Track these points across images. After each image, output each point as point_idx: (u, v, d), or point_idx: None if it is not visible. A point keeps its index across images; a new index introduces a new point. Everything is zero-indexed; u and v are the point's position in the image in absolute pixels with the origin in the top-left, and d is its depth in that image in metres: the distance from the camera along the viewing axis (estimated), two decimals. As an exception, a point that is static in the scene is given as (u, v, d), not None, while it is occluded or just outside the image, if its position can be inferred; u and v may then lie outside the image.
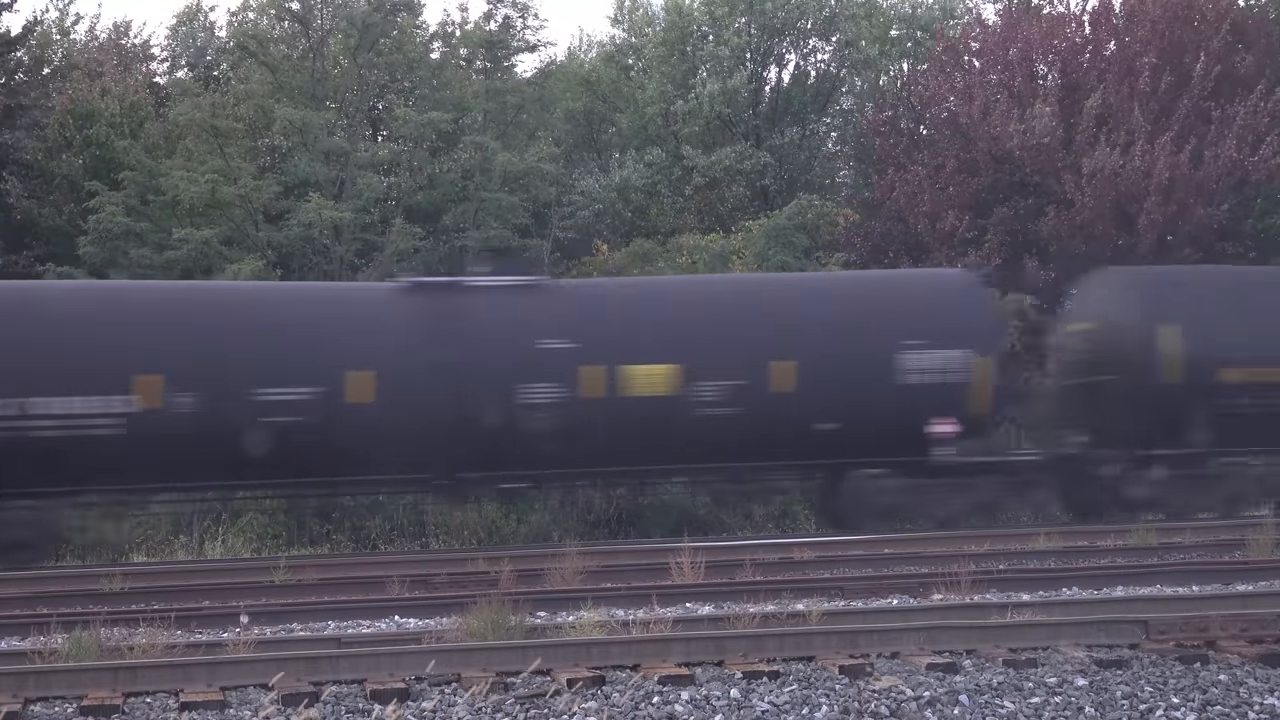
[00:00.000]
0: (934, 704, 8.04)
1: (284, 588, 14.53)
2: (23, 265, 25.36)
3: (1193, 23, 27.04)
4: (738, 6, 32.06)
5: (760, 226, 27.45)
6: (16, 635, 11.51)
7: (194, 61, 33.92)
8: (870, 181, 29.84)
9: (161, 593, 13.81)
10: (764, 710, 7.93)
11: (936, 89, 28.56)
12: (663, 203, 32.22)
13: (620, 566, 15.28)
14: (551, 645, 9.15)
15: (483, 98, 29.39)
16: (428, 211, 28.06)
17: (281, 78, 29.08)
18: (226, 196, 26.12)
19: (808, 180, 31.78)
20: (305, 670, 8.56)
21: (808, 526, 22.10)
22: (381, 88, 30.45)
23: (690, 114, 31.39)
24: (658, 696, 8.08)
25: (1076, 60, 27.70)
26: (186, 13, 35.10)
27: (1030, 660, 8.81)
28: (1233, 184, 25.80)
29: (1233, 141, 25.42)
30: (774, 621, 10.71)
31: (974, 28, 30.68)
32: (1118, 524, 18.82)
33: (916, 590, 13.29)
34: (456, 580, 14.38)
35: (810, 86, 33.64)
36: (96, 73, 31.83)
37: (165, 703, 8.13)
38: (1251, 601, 11.52)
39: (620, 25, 36.92)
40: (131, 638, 10.29)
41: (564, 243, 29.40)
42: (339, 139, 28.01)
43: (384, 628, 11.97)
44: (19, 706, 8.03)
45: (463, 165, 28.14)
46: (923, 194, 27.01)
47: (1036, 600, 12.17)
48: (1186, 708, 8.10)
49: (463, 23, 31.43)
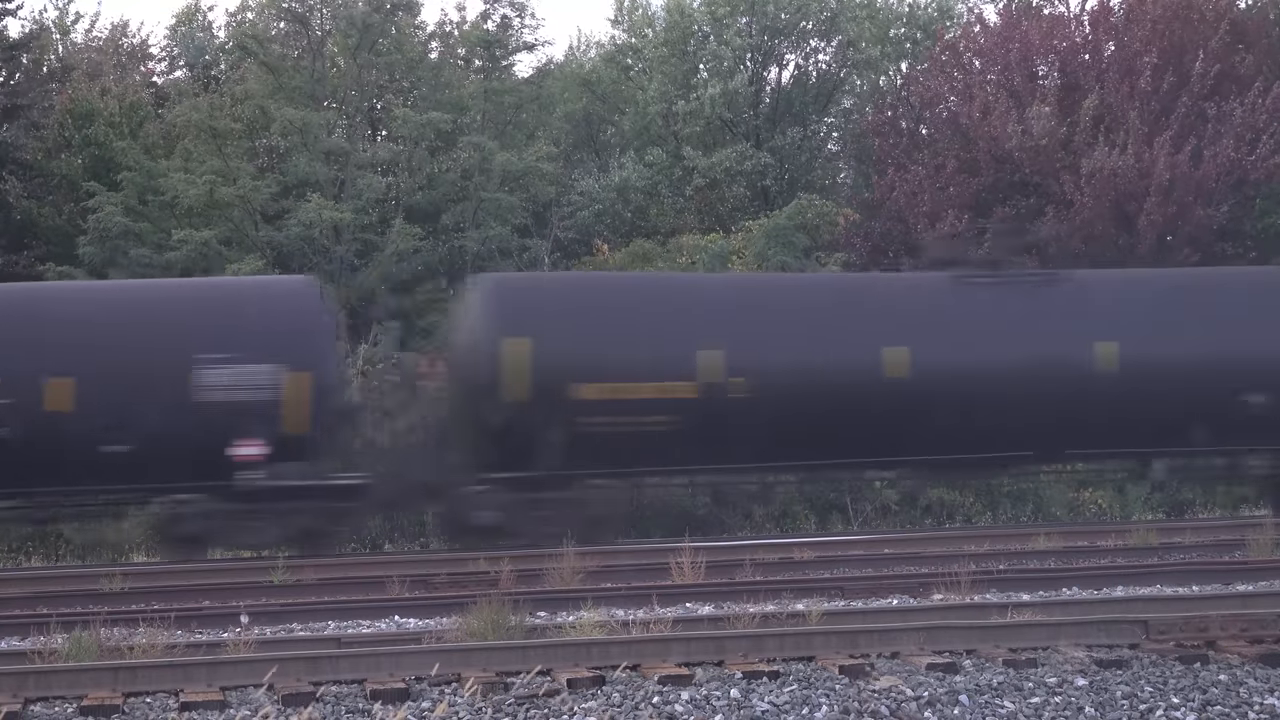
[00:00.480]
0: (934, 704, 8.03)
1: (284, 588, 14.51)
2: (23, 265, 25.37)
3: (1193, 22, 27.04)
4: (739, 7, 32.06)
5: (760, 226, 27.46)
6: (16, 635, 11.50)
7: (193, 61, 33.93)
8: (870, 181, 29.84)
9: (161, 593, 13.79)
10: (764, 710, 7.92)
11: (937, 89, 28.56)
12: (663, 203, 32.24)
13: (620, 566, 15.27)
14: (551, 645, 9.14)
15: (481, 98, 29.40)
16: (427, 211, 28.07)
17: (281, 78, 29.09)
18: (225, 197, 26.12)
19: (808, 181, 31.79)
20: (305, 670, 8.56)
21: (808, 527, 22.12)
22: (380, 88, 30.46)
23: (691, 114, 31.39)
24: (658, 696, 8.08)
25: (1076, 60, 27.71)
26: (186, 13, 35.13)
27: (1030, 660, 8.81)
28: (1232, 183, 25.80)
29: (1231, 140, 25.43)
30: (774, 621, 10.70)
31: (974, 26, 30.68)
32: (479, 550, 16.74)
33: (916, 590, 13.28)
34: (456, 580, 14.37)
35: (811, 87, 33.65)
36: (96, 73, 31.83)
37: (165, 703, 8.13)
38: (1251, 601, 11.50)
39: (620, 26, 36.96)
40: (131, 638, 10.28)
41: (564, 243, 29.41)
42: (339, 139, 28.02)
43: (384, 628, 11.96)
44: (19, 706, 8.03)
45: (462, 165, 28.14)
46: (923, 194, 27.02)
47: (1036, 600, 12.16)
48: (1186, 708, 8.10)
49: (460, 22, 31.48)
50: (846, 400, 18.97)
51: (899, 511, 22.57)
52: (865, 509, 22.59)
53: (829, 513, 22.63)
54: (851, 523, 22.28)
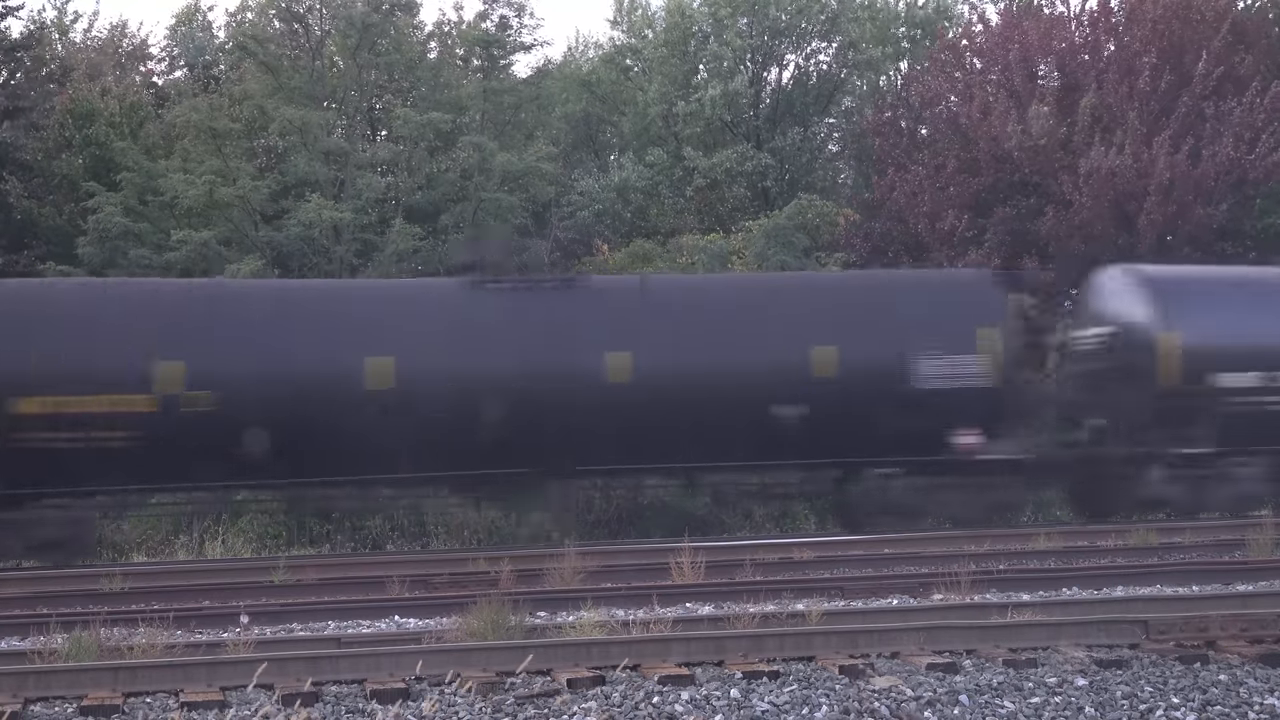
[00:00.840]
0: (934, 704, 8.03)
1: (284, 588, 14.52)
2: (23, 265, 25.38)
3: (1193, 22, 27.04)
4: (739, 8, 32.06)
5: (760, 227, 27.45)
6: (16, 635, 11.50)
7: (192, 61, 33.93)
8: (870, 182, 29.85)
9: (161, 593, 13.80)
10: (764, 710, 7.92)
11: (937, 88, 28.57)
12: (663, 203, 32.24)
13: (620, 566, 15.27)
14: (551, 645, 9.15)
15: (479, 98, 29.40)
16: (427, 211, 28.07)
17: (281, 78, 29.09)
18: (225, 197, 26.12)
19: (809, 182, 31.80)
20: (305, 670, 8.56)
21: (808, 526, 22.12)
22: (380, 88, 30.47)
23: (691, 115, 31.39)
24: (658, 696, 8.08)
25: (1076, 60, 27.71)
26: (185, 12, 35.14)
27: (1030, 660, 8.81)
28: (1231, 183, 25.81)
29: (1229, 140, 25.43)
30: (774, 621, 10.70)
31: (975, 25, 30.68)
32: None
33: (916, 590, 13.28)
34: (456, 580, 14.37)
35: (812, 88, 33.65)
36: (96, 73, 31.84)
37: (165, 703, 8.13)
38: (1251, 601, 11.50)
39: (619, 27, 36.96)
40: (131, 638, 10.29)
41: (564, 243, 29.41)
42: (338, 139, 28.02)
43: (384, 628, 11.96)
44: (19, 706, 8.03)
45: (461, 165, 28.15)
46: (923, 194, 27.03)
47: (1036, 600, 12.15)
48: (1186, 708, 8.10)
49: (459, 22, 31.49)
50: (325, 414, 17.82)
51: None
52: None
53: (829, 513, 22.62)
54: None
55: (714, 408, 18.47)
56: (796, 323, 19.21)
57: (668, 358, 18.66)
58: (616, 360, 18.48)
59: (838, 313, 19.55)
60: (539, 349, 18.51)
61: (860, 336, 19.19)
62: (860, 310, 19.66)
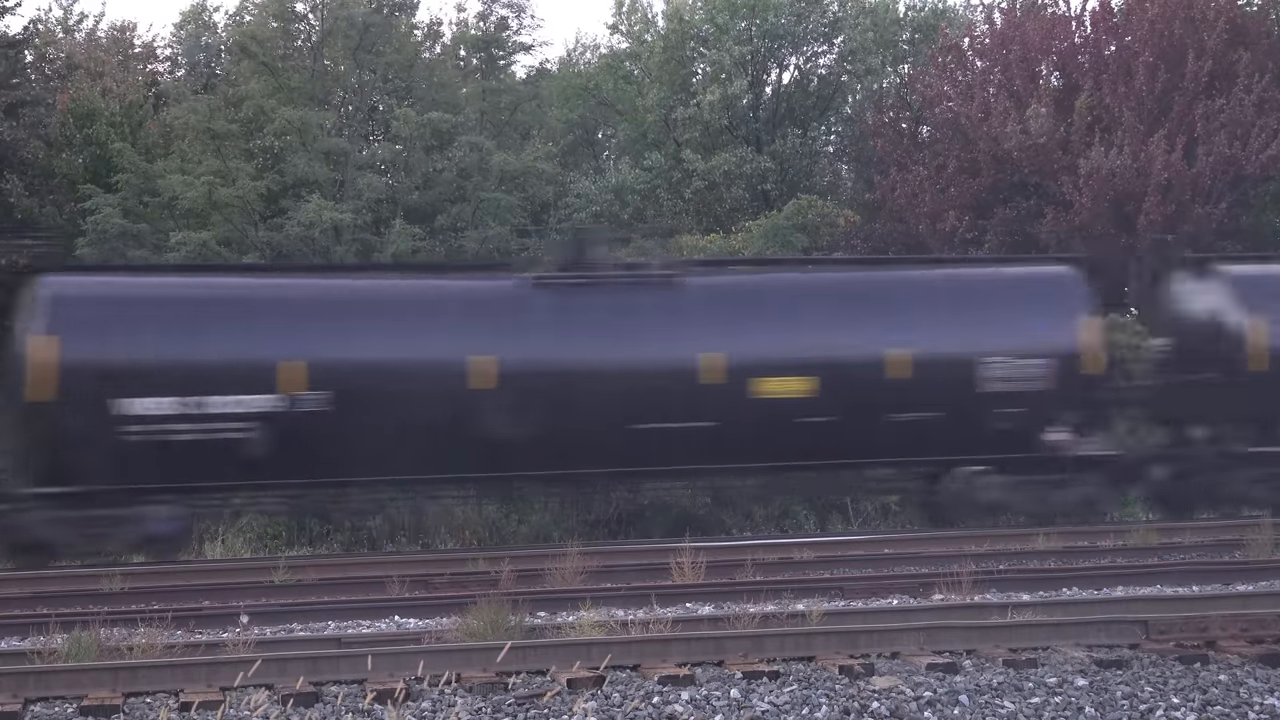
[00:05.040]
0: (934, 704, 8.04)
1: (284, 588, 14.52)
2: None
3: (1192, 21, 27.03)
4: (740, 12, 32.03)
5: (759, 227, 27.42)
6: (16, 635, 11.50)
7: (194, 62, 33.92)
8: (870, 183, 29.83)
9: (161, 593, 13.81)
10: (764, 710, 7.92)
11: (937, 89, 28.57)
12: (660, 205, 32.21)
13: (620, 566, 15.27)
14: (551, 645, 9.15)
15: (477, 97, 29.39)
16: (425, 211, 28.07)
17: (281, 78, 29.09)
18: (224, 198, 26.11)
19: (808, 185, 31.77)
20: (305, 670, 8.56)
21: (808, 526, 22.12)
22: (379, 88, 30.47)
23: (690, 120, 31.36)
24: (657, 696, 8.08)
25: (1076, 60, 27.71)
26: (191, 12, 35.12)
27: (1030, 660, 8.81)
28: (1229, 180, 25.80)
29: (1223, 136, 25.41)
30: (774, 621, 10.71)
31: (978, 26, 30.65)
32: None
33: (917, 590, 13.28)
34: (457, 580, 14.38)
35: (812, 92, 33.62)
36: (98, 72, 31.83)
37: (165, 703, 8.13)
38: (1251, 601, 11.51)
39: (618, 32, 36.92)
40: (131, 638, 10.29)
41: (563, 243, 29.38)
42: (338, 139, 28.00)
43: (384, 628, 11.96)
44: (19, 706, 8.03)
45: (459, 165, 28.15)
46: (923, 194, 27.02)
47: (1036, 600, 12.16)
48: (1186, 708, 8.10)
49: (458, 22, 31.52)
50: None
51: (899, 512, 22.55)
52: (866, 509, 22.58)
53: (829, 513, 22.64)
54: (852, 523, 22.26)
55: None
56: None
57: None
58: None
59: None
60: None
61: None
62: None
